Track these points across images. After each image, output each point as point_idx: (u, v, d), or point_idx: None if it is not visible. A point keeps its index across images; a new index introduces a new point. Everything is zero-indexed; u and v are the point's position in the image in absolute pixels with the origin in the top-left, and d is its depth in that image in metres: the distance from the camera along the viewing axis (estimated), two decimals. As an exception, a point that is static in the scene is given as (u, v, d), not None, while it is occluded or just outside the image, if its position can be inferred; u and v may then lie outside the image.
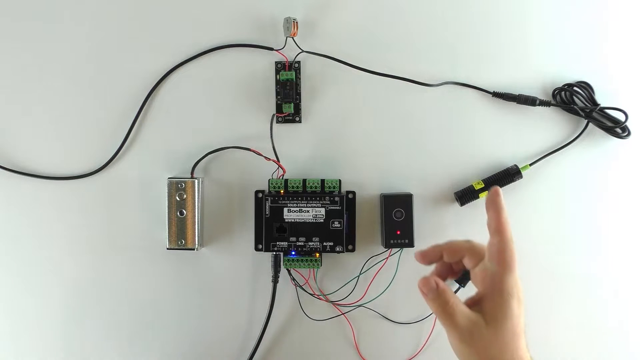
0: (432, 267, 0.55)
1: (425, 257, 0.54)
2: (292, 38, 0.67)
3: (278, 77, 0.68)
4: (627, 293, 0.68)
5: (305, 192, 0.66)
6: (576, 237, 0.68)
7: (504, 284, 0.49)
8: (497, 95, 0.68)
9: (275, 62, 0.69)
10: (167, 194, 0.67)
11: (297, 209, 0.66)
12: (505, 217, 0.50)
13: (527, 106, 0.67)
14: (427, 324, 0.68)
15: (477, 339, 0.50)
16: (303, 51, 0.68)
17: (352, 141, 0.69)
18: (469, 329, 0.49)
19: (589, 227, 0.68)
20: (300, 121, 0.69)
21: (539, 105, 0.67)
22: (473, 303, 0.51)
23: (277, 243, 0.66)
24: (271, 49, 0.68)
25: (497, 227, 0.50)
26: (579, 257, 0.68)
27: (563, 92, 0.67)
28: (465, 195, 0.67)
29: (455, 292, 0.66)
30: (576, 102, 0.67)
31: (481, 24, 0.69)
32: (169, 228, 0.67)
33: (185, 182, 0.67)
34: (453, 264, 0.54)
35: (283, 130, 0.69)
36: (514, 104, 0.68)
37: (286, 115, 0.69)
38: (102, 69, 0.70)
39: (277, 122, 0.69)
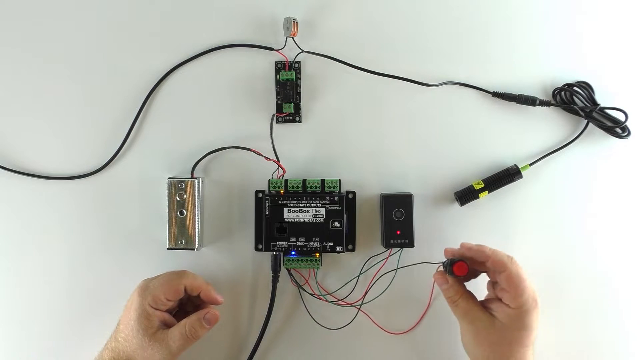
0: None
1: (468, 251, 0.61)
2: (292, 38, 0.67)
3: (278, 77, 0.68)
4: (627, 292, 0.68)
5: (305, 192, 0.66)
6: (576, 237, 0.68)
7: (522, 303, 0.57)
8: (497, 95, 0.68)
9: (275, 62, 0.69)
10: (167, 194, 0.67)
11: (297, 209, 0.66)
12: (489, 251, 0.59)
13: (527, 106, 0.67)
14: (427, 324, 0.69)
15: (483, 334, 0.57)
16: (303, 51, 0.68)
17: (352, 141, 0.69)
18: (473, 321, 0.58)
19: (589, 227, 0.68)
20: (300, 121, 0.69)
21: (539, 105, 0.67)
22: (491, 302, 0.60)
23: (277, 243, 0.66)
24: (271, 49, 0.68)
25: (493, 264, 0.58)
26: (579, 257, 0.68)
27: (563, 92, 0.67)
28: (465, 195, 0.67)
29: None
30: (576, 102, 0.67)
31: (481, 24, 0.69)
32: (169, 228, 0.67)
33: (185, 182, 0.67)
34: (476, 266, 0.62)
35: (283, 130, 0.69)
36: (514, 104, 0.68)
37: (286, 115, 0.69)
38: (102, 69, 0.70)
39: (277, 122, 0.69)
